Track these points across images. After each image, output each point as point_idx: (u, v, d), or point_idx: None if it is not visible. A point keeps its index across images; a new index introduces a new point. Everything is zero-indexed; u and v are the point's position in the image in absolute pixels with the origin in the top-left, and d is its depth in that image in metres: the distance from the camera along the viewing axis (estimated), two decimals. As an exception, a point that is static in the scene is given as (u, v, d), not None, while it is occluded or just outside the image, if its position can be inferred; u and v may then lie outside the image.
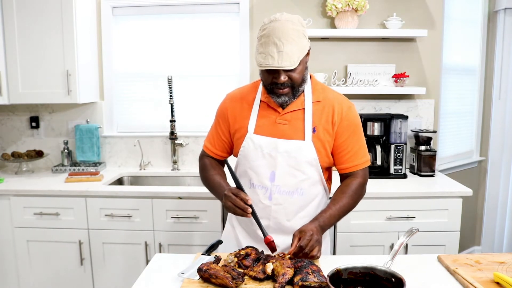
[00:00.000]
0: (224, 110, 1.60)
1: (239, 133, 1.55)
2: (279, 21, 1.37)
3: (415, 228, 1.35)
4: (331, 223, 1.47)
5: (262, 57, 1.36)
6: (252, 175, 1.52)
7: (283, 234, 1.53)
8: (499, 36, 3.27)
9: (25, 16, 2.62)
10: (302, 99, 1.51)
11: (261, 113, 1.53)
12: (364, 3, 2.67)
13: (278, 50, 1.33)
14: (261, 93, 1.55)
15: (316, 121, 1.50)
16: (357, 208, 2.33)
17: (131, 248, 2.48)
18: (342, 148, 1.52)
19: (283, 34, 1.34)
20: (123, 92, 3.08)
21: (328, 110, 1.51)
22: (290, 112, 1.50)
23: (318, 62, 2.89)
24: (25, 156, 2.87)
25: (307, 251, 1.30)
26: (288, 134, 1.49)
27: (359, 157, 1.55)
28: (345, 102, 1.55)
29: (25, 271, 2.54)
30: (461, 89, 3.29)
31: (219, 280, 1.19)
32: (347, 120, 1.51)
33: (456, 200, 2.37)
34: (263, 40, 1.37)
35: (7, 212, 2.49)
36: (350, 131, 1.52)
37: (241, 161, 1.56)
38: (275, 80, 1.41)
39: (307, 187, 1.51)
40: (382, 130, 2.68)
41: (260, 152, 1.50)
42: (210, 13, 2.95)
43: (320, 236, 1.37)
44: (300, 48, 1.37)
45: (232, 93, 1.65)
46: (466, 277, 1.23)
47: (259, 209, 1.52)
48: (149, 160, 3.04)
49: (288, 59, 1.34)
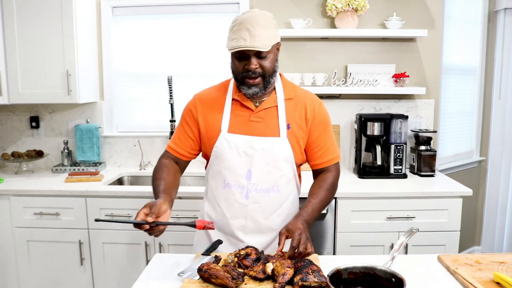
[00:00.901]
0: (193, 109, 1.56)
1: (211, 133, 1.52)
2: (252, 12, 1.42)
3: (415, 228, 1.34)
4: (314, 216, 1.47)
5: (234, 41, 1.38)
6: (227, 175, 1.51)
7: (260, 234, 1.53)
8: (499, 36, 3.27)
9: (25, 16, 2.62)
10: (274, 97, 1.53)
11: (234, 112, 1.52)
12: (364, 3, 2.67)
13: (250, 34, 1.35)
14: (232, 91, 1.54)
15: (289, 118, 1.51)
16: (357, 208, 2.35)
17: (131, 248, 2.48)
18: (315, 144, 1.55)
19: (255, 21, 1.37)
20: (123, 92, 3.08)
21: (300, 107, 1.53)
22: (263, 110, 1.50)
23: (318, 62, 2.89)
24: (25, 156, 2.87)
25: (301, 250, 1.29)
26: (263, 131, 1.49)
27: (331, 153, 1.58)
28: (315, 99, 1.59)
29: (25, 271, 2.54)
30: (461, 89, 3.29)
31: (219, 280, 1.19)
32: (319, 117, 1.55)
33: (456, 200, 2.37)
34: (235, 28, 1.39)
35: (7, 212, 2.49)
36: (322, 127, 1.56)
37: (214, 161, 1.53)
38: (246, 67, 1.42)
39: (283, 184, 1.52)
40: (382, 130, 2.68)
41: (235, 151, 1.49)
42: (210, 13, 2.95)
43: (307, 232, 1.36)
44: (271, 35, 1.40)
45: (200, 93, 1.62)
46: (466, 277, 1.23)
47: (235, 208, 1.51)
48: (149, 160, 3.04)
49: (260, 41, 1.36)
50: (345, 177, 2.71)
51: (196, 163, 2.98)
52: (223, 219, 1.54)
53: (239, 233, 1.53)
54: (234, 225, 1.53)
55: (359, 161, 2.77)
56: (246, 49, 1.37)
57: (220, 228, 1.57)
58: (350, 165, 2.98)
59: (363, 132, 2.73)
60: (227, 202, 1.52)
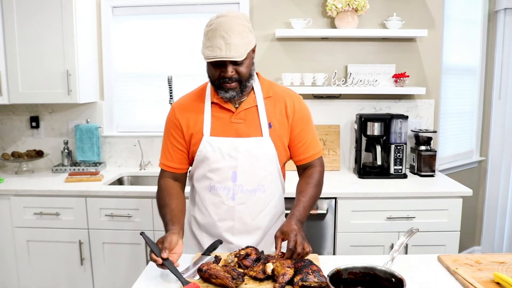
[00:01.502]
0: (174, 120, 1.55)
1: (194, 138, 1.52)
2: (226, 16, 1.39)
3: (415, 228, 1.34)
4: (306, 214, 1.47)
5: (210, 50, 1.37)
6: (213, 177, 1.50)
7: (248, 234, 1.53)
8: (499, 36, 3.27)
9: (25, 16, 2.62)
10: (253, 97, 1.52)
11: (214, 115, 1.51)
12: (364, 3, 2.67)
13: (225, 43, 1.34)
14: (210, 94, 1.53)
15: (270, 116, 1.51)
16: (357, 208, 2.35)
17: (131, 248, 2.48)
18: (297, 140, 1.55)
19: (230, 28, 1.35)
20: (123, 92, 3.08)
21: (280, 104, 1.53)
22: (244, 110, 1.50)
23: (318, 62, 2.89)
24: (25, 156, 2.87)
25: (299, 251, 1.28)
26: (245, 132, 1.49)
27: (314, 147, 1.58)
28: (294, 95, 1.58)
29: (25, 271, 2.54)
30: (461, 89, 3.29)
31: (219, 280, 1.19)
32: (299, 112, 1.55)
33: (456, 200, 2.37)
34: (210, 35, 1.37)
35: (7, 212, 2.49)
36: (303, 122, 1.56)
37: (198, 165, 1.53)
38: (222, 74, 1.41)
39: (268, 184, 1.52)
40: (382, 130, 2.68)
41: (219, 153, 1.48)
42: (210, 13, 2.95)
43: (302, 232, 1.36)
44: (246, 42, 1.38)
45: (177, 102, 1.60)
46: (466, 277, 1.23)
47: (222, 210, 1.50)
48: (149, 160, 3.04)
49: (236, 50, 1.35)
50: (345, 177, 2.71)
51: (196, 163, 2.99)
52: (210, 222, 1.54)
53: (227, 234, 1.53)
54: (222, 227, 1.52)
55: (359, 161, 2.77)
56: (222, 60, 1.37)
57: (208, 230, 1.56)
58: (350, 165, 2.97)
59: (363, 132, 2.73)
60: (213, 205, 1.52)
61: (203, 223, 1.57)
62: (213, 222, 1.53)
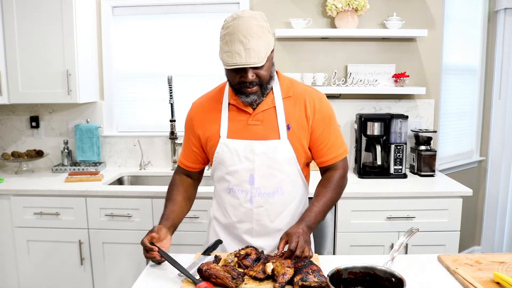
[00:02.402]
0: (190, 121, 1.57)
1: (211, 140, 1.50)
2: (242, 18, 1.33)
3: (415, 228, 1.34)
4: (317, 220, 1.43)
5: (229, 56, 1.31)
6: (231, 180, 1.49)
7: (267, 236, 1.52)
8: (499, 36, 3.27)
9: (25, 16, 2.62)
10: (272, 97, 1.47)
11: (232, 117, 1.48)
12: (364, 3, 2.67)
13: (244, 48, 1.29)
14: (228, 95, 1.50)
15: (289, 117, 1.46)
16: (357, 208, 2.35)
17: (131, 248, 2.47)
18: (319, 141, 1.49)
19: (248, 31, 1.30)
20: (123, 92, 3.08)
21: (300, 104, 1.48)
22: (261, 112, 1.46)
23: (318, 62, 2.89)
24: (25, 156, 2.87)
25: (298, 254, 1.28)
26: (262, 134, 1.45)
27: (337, 148, 1.52)
28: (316, 94, 1.52)
29: (25, 271, 2.54)
30: (461, 89, 3.29)
31: (219, 280, 1.19)
32: (320, 112, 1.48)
33: (456, 200, 2.37)
34: (227, 38, 1.32)
35: (7, 212, 2.49)
36: (325, 123, 1.49)
37: (217, 167, 1.52)
38: (242, 79, 1.36)
39: (287, 186, 1.49)
40: (382, 130, 2.68)
41: (236, 156, 1.46)
42: (210, 13, 2.95)
43: (307, 236, 1.35)
44: (266, 44, 1.33)
45: (197, 101, 1.60)
46: (466, 277, 1.23)
47: (241, 213, 1.49)
48: (149, 160, 3.04)
49: (256, 55, 1.30)
50: (345, 177, 2.71)
51: (196, 163, 2.99)
52: (230, 223, 1.54)
53: (247, 236, 1.52)
54: (241, 229, 1.52)
55: (359, 161, 2.77)
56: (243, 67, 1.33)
57: (228, 231, 1.57)
58: (350, 165, 2.97)
59: (363, 132, 2.73)
60: (232, 207, 1.51)
61: (223, 223, 1.57)
62: (232, 224, 1.53)
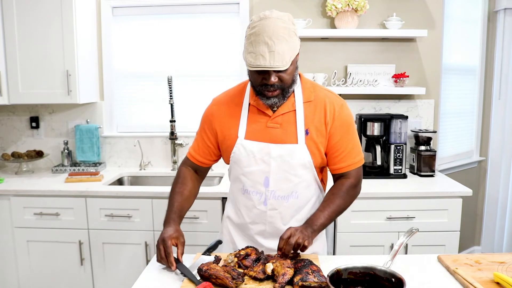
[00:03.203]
0: (210, 116, 1.55)
1: (229, 139, 1.49)
2: (270, 18, 1.30)
3: (415, 228, 1.34)
4: (322, 224, 1.41)
5: (253, 57, 1.30)
6: (246, 181, 1.49)
7: (280, 234, 1.51)
8: (499, 36, 3.27)
9: (25, 16, 2.63)
10: (292, 101, 1.45)
11: (251, 117, 1.47)
12: (364, 3, 2.68)
13: (269, 50, 1.27)
14: (249, 95, 1.49)
15: (308, 122, 1.44)
16: (357, 208, 2.35)
17: (131, 248, 2.48)
18: (335, 148, 1.47)
19: (274, 33, 1.28)
20: (123, 92, 3.08)
21: (320, 110, 1.46)
22: (281, 115, 1.44)
23: (318, 62, 2.89)
24: (25, 156, 2.87)
25: (291, 242, 1.26)
26: (280, 138, 1.44)
27: (352, 157, 1.49)
28: (337, 100, 1.49)
29: (25, 271, 2.54)
30: (461, 89, 3.29)
31: (219, 280, 1.19)
32: (339, 119, 1.46)
33: (456, 200, 2.37)
34: (252, 39, 1.30)
35: (7, 212, 2.49)
36: (343, 131, 1.46)
37: (233, 167, 1.52)
38: (265, 81, 1.35)
39: (302, 190, 1.48)
40: (382, 130, 2.68)
41: (252, 157, 1.45)
42: (210, 13, 2.96)
43: (308, 232, 1.33)
44: (291, 48, 1.31)
45: (218, 97, 1.59)
46: (466, 277, 1.23)
47: (254, 214, 1.49)
48: (149, 160, 3.04)
49: (280, 59, 1.28)
50: (345, 177, 2.71)
51: (196, 163, 2.99)
52: (243, 223, 1.54)
53: (259, 237, 1.52)
54: (253, 230, 1.52)
55: (359, 161, 2.77)
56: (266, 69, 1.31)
57: (241, 231, 1.57)
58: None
59: (363, 132, 2.73)
60: (246, 208, 1.51)
61: (237, 223, 1.57)
62: (245, 224, 1.53)
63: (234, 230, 1.59)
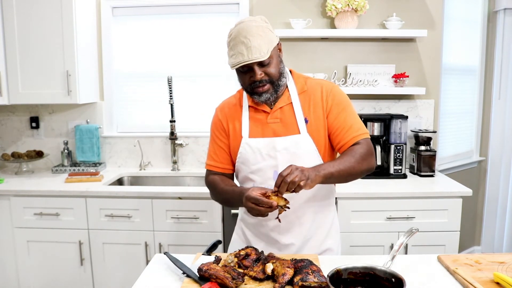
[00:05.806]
0: (218, 121, 1.60)
1: (235, 140, 1.55)
2: (243, 22, 1.42)
3: (415, 228, 1.34)
4: (328, 171, 1.35)
5: (233, 58, 1.39)
6: (256, 179, 1.52)
7: (294, 232, 1.53)
8: (499, 36, 3.27)
9: (25, 16, 2.62)
10: (287, 94, 1.52)
11: (252, 117, 1.54)
12: (364, 3, 2.68)
13: (246, 47, 1.36)
14: (247, 98, 1.55)
15: (306, 111, 1.50)
16: (357, 208, 2.35)
17: (131, 248, 2.48)
18: (335, 126, 1.49)
19: (248, 32, 1.37)
20: (123, 92, 3.08)
21: (314, 96, 1.51)
22: (279, 109, 1.51)
23: (318, 62, 2.89)
24: (25, 156, 2.87)
25: (287, 180, 1.24)
26: (282, 131, 1.50)
27: (354, 131, 1.47)
28: (328, 84, 1.55)
29: (25, 271, 2.54)
30: (461, 89, 3.29)
31: (219, 280, 1.19)
32: (333, 100, 1.50)
33: (456, 200, 2.37)
34: (232, 44, 1.41)
35: (7, 212, 2.49)
36: (340, 108, 1.50)
37: (240, 167, 1.56)
38: (252, 78, 1.42)
39: None
40: (382, 130, 2.68)
41: (259, 154, 1.50)
42: (210, 13, 2.96)
43: (308, 170, 1.30)
44: (267, 41, 1.39)
45: (220, 105, 1.65)
46: (466, 277, 1.23)
47: None
48: (149, 160, 3.04)
49: (258, 51, 1.36)
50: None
51: (195, 163, 3.00)
52: (257, 221, 1.56)
53: (274, 233, 1.54)
54: (268, 226, 1.54)
55: (359, 161, 2.76)
56: (247, 63, 1.38)
57: (256, 230, 1.59)
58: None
59: (363, 132, 2.73)
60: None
61: (251, 223, 1.59)
62: (259, 222, 1.55)
63: (247, 230, 1.62)
